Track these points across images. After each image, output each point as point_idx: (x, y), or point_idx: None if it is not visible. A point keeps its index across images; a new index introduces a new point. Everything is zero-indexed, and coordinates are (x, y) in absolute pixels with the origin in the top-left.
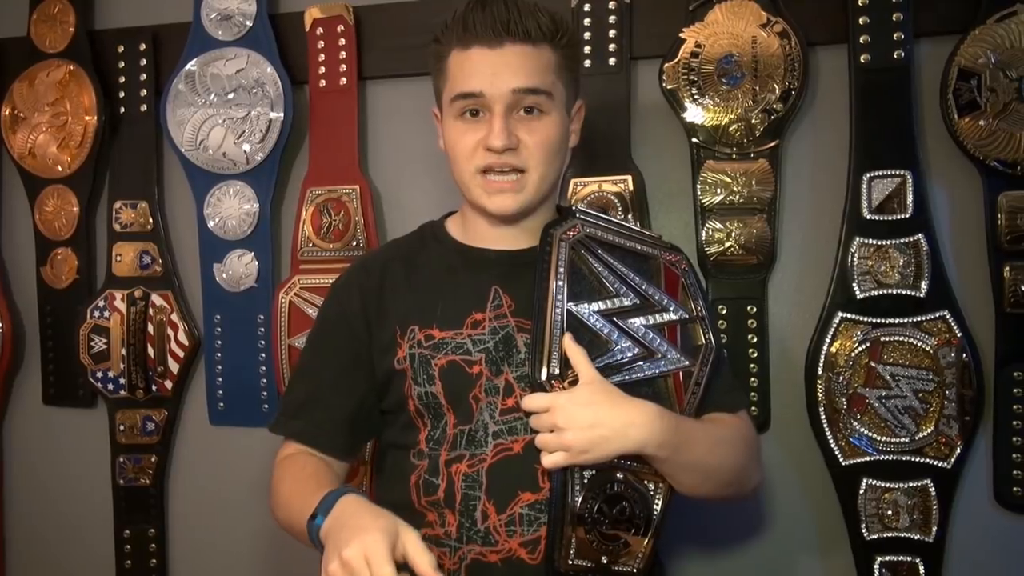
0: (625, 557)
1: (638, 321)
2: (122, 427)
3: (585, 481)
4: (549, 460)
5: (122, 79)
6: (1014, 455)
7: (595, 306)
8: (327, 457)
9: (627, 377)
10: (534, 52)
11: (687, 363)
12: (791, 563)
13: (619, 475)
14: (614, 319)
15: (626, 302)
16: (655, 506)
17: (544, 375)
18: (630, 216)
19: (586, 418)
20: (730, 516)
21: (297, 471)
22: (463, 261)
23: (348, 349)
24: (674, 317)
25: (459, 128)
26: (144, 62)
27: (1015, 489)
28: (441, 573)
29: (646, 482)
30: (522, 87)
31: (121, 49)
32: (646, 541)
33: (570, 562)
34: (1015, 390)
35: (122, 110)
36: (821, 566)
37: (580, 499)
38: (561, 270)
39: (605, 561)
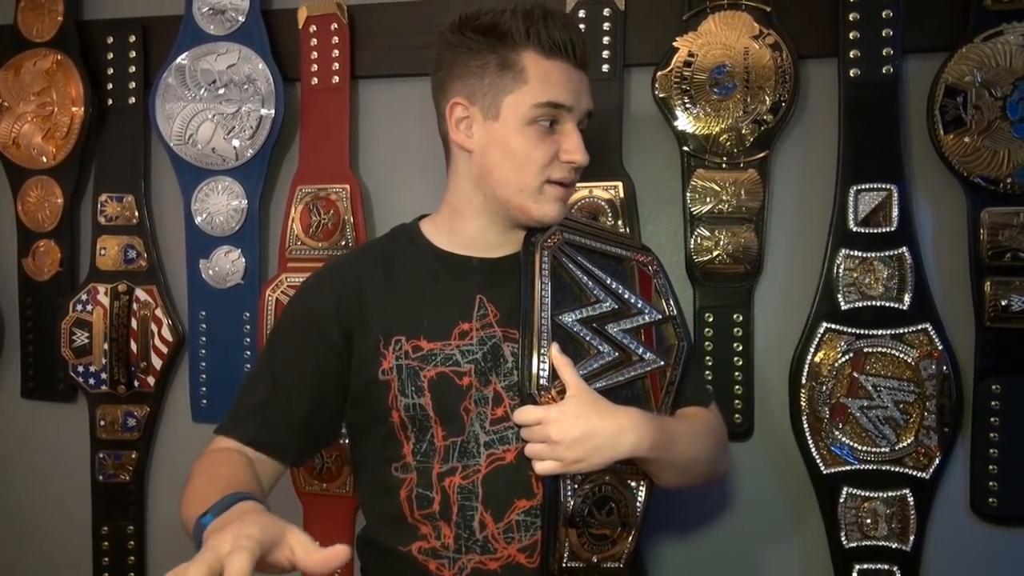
0: (612, 554)
1: (617, 326)
2: (102, 422)
3: (576, 486)
4: (541, 467)
5: (110, 70)
6: (990, 466)
7: (577, 314)
8: (273, 460)
9: (609, 382)
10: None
11: (662, 363)
12: (771, 570)
13: (607, 477)
14: (595, 325)
15: (605, 308)
16: (638, 504)
17: (533, 386)
18: (620, 222)
19: (578, 430)
20: (711, 521)
21: (216, 468)
22: (444, 268)
23: (315, 353)
24: (649, 319)
25: (533, 136)
26: (133, 54)
27: (991, 500)
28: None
29: (630, 482)
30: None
31: (110, 40)
32: (630, 538)
33: (564, 564)
34: (993, 403)
35: (110, 102)
36: (801, 573)
37: (572, 503)
38: (545, 279)
39: (595, 560)
